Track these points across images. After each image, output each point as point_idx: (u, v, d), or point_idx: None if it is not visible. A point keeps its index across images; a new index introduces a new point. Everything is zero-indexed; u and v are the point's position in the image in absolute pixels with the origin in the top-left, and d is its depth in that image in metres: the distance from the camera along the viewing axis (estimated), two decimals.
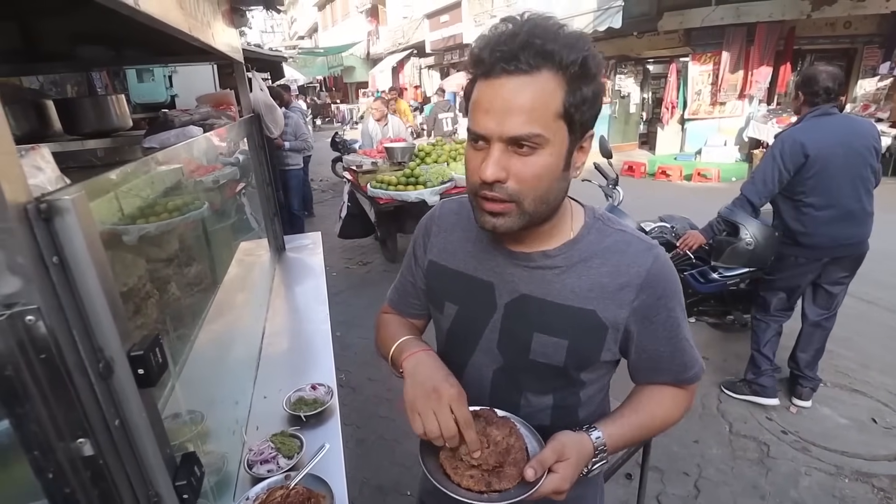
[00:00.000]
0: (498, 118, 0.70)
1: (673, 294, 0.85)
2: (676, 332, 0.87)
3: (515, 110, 0.69)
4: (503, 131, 0.70)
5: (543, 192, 0.75)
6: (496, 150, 0.72)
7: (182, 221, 1.24)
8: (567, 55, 0.68)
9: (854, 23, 7.87)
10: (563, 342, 0.84)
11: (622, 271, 0.82)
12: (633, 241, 0.85)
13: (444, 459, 0.80)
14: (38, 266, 0.50)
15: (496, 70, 0.69)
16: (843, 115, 2.58)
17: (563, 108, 0.71)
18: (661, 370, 0.90)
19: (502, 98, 0.70)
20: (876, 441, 2.58)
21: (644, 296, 0.82)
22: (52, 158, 0.62)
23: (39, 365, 0.50)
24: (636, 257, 0.83)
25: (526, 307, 0.85)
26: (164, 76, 4.97)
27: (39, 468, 0.53)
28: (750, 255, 2.92)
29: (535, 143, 0.71)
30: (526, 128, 0.69)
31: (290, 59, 15.89)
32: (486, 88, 0.71)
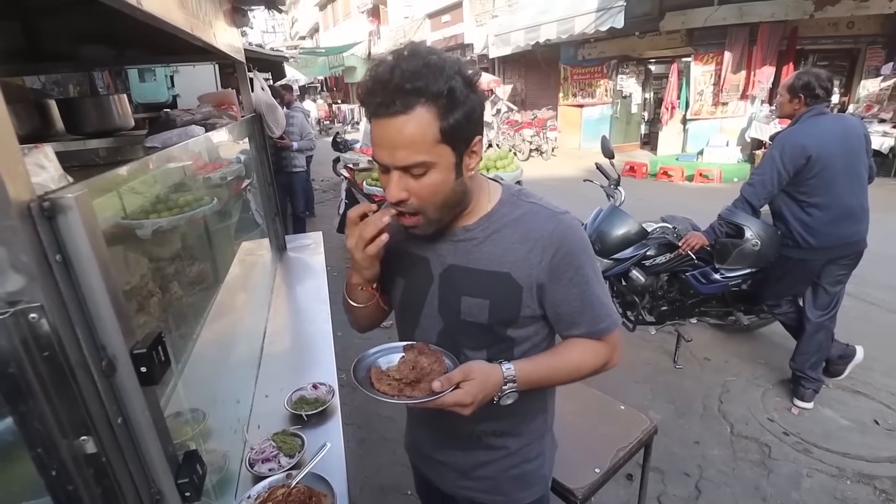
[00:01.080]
0: (388, 152, 0.83)
1: (578, 253, 0.96)
2: (585, 289, 0.97)
3: (399, 145, 0.82)
4: (394, 162, 0.83)
5: (442, 201, 0.89)
6: (395, 176, 0.85)
7: (184, 221, 1.25)
8: (434, 88, 0.79)
9: (857, 23, 7.86)
10: (485, 302, 0.96)
11: (530, 236, 0.94)
12: (540, 211, 0.97)
13: (373, 374, 0.95)
14: (41, 264, 0.50)
15: (379, 113, 0.81)
16: (835, 114, 2.61)
17: (441, 134, 0.82)
18: (575, 323, 1.00)
19: (388, 136, 0.82)
20: (878, 443, 2.57)
21: (550, 256, 0.94)
22: (55, 157, 0.62)
23: (42, 363, 0.50)
24: (542, 223, 0.95)
25: (454, 275, 0.99)
26: (166, 76, 4.96)
27: (43, 465, 0.53)
28: (756, 256, 2.92)
29: (423, 167, 0.83)
30: (411, 157, 0.82)
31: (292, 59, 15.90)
32: (376, 127, 0.83)
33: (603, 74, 11.58)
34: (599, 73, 11.66)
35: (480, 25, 14.11)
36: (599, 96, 11.87)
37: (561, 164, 11.00)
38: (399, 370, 0.93)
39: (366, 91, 0.83)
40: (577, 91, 12.27)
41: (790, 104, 2.63)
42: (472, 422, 1.02)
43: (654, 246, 3.15)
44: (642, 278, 3.18)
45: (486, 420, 1.06)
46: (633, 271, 3.18)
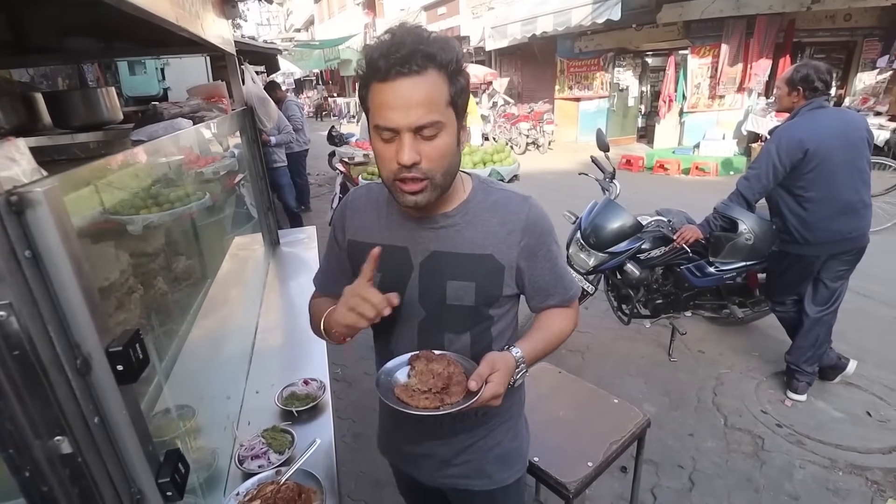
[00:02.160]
0: (402, 112, 0.84)
1: (549, 232, 1.05)
2: (555, 263, 1.07)
3: (416, 103, 0.83)
4: (410, 122, 0.84)
5: (448, 166, 0.91)
6: (407, 139, 0.85)
7: (168, 216, 1.23)
8: (444, 56, 0.84)
9: (854, 15, 7.83)
10: (472, 284, 1.01)
11: (508, 220, 1.01)
12: (512, 197, 1.03)
13: (400, 393, 0.96)
14: (9, 260, 0.48)
15: (392, 74, 0.83)
16: (836, 108, 2.58)
17: (450, 97, 0.87)
18: (550, 295, 1.08)
19: (403, 95, 0.83)
20: (870, 434, 2.58)
21: (527, 237, 1.01)
22: (27, 150, 0.60)
23: (12, 362, 0.49)
24: (517, 207, 1.02)
25: (438, 261, 1.01)
26: (157, 69, 4.90)
27: (15, 467, 0.52)
28: (749, 250, 2.92)
29: (436, 128, 0.86)
30: (427, 116, 0.84)
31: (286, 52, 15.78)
32: (387, 90, 0.84)
33: (599, 67, 11.54)
34: (596, 66, 11.61)
35: (477, 18, 14.03)
36: (596, 89, 11.82)
37: (557, 157, 10.97)
38: (423, 381, 0.95)
39: (377, 53, 0.84)
40: (574, 84, 12.22)
41: (789, 97, 2.60)
42: None
43: (649, 239, 3.15)
44: (637, 271, 3.17)
45: None
46: (628, 265, 3.18)
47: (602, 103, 11.95)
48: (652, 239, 3.15)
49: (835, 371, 2.91)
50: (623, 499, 2.26)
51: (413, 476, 1.23)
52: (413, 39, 0.83)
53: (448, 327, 1.05)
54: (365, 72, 0.87)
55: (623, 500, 2.25)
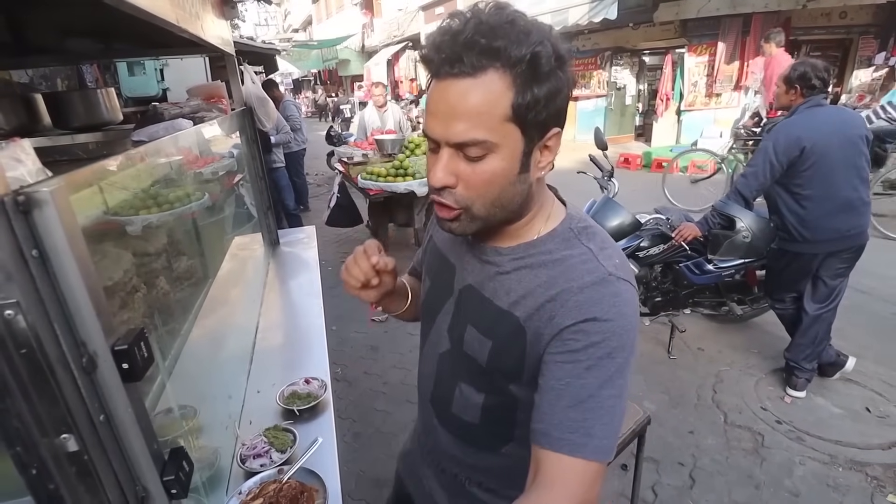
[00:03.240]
0: (444, 123, 0.67)
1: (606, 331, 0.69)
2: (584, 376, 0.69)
3: (460, 115, 0.66)
4: (448, 137, 0.67)
5: (495, 197, 0.71)
6: (445, 155, 0.69)
7: (170, 215, 1.23)
8: (515, 52, 0.63)
9: (850, 13, 7.85)
10: (488, 342, 0.80)
11: (558, 283, 0.73)
12: (589, 262, 0.74)
13: None
14: (16, 260, 0.49)
15: (441, 72, 0.66)
16: (833, 106, 2.59)
17: (513, 111, 0.66)
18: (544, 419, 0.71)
19: (447, 102, 0.66)
20: (870, 430, 2.59)
21: (569, 319, 0.70)
22: (32, 151, 0.61)
23: (20, 360, 0.50)
24: (580, 273, 0.73)
25: (469, 298, 0.84)
26: (156, 69, 4.90)
27: (22, 464, 0.52)
28: (747, 248, 2.93)
29: (483, 148, 0.67)
30: (470, 133, 0.66)
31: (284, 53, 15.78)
32: (435, 90, 0.68)
33: (597, 66, 11.55)
34: (593, 65, 11.62)
35: None
36: (593, 88, 11.83)
37: None
38: None
39: (431, 45, 0.67)
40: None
41: (787, 95, 2.61)
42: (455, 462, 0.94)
43: (648, 237, 3.16)
44: (636, 269, 3.18)
45: (471, 468, 0.94)
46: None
47: (600, 102, 11.96)
48: (651, 237, 3.16)
49: (834, 368, 2.92)
50: (624, 496, 2.26)
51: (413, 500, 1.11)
52: (475, 27, 0.64)
53: (462, 375, 0.88)
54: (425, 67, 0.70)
55: (624, 497, 2.26)
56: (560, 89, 0.68)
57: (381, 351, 3.57)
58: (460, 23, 0.65)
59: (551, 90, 0.66)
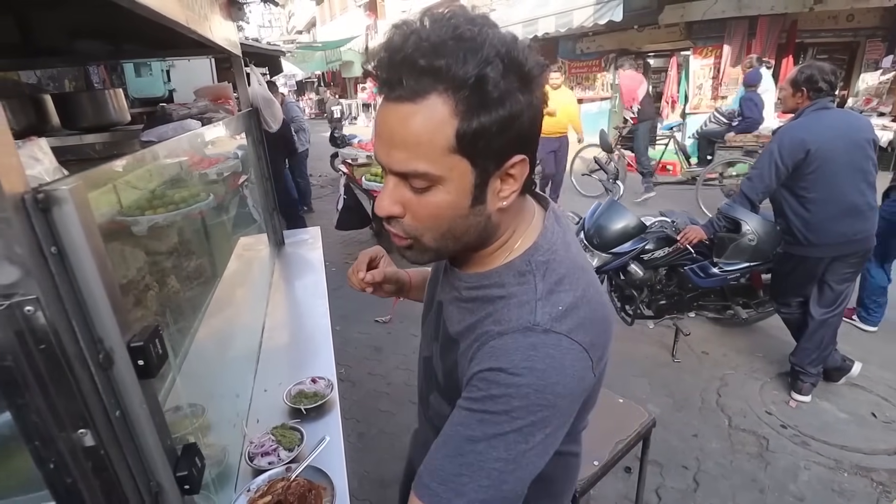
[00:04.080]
0: (386, 149, 0.61)
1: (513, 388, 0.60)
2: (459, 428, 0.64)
3: (399, 143, 0.59)
4: (390, 164, 0.62)
5: (445, 230, 0.65)
6: (391, 183, 0.63)
7: (181, 215, 1.25)
8: (459, 72, 0.55)
9: (857, 16, 7.83)
10: (441, 363, 0.78)
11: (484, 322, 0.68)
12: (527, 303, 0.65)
13: None
14: (36, 256, 0.49)
15: (382, 93, 0.60)
16: (840, 110, 2.58)
17: (457, 140, 0.58)
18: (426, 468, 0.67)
19: (388, 127, 0.60)
20: (875, 435, 2.58)
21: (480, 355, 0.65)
22: (49, 150, 0.62)
23: (39, 355, 0.50)
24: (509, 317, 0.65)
25: (438, 315, 0.81)
26: (162, 70, 4.93)
27: (41, 459, 0.53)
28: (752, 251, 2.93)
29: (427, 180, 0.60)
30: (411, 164, 0.60)
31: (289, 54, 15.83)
32: (380, 112, 0.61)
33: (601, 68, 11.55)
34: (598, 67, 11.62)
35: None
36: (598, 90, 11.83)
37: None
38: None
39: (375, 61, 0.61)
40: (576, 85, 12.23)
41: (793, 98, 2.60)
42: None
43: (653, 240, 3.16)
44: (641, 272, 3.18)
45: None
46: (632, 265, 3.18)
47: (604, 104, 11.94)
48: (656, 240, 3.16)
49: (839, 372, 2.91)
50: (627, 499, 2.26)
51: None
52: (416, 43, 0.56)
53: (434, 384, 0.83)
54: None
55: (627, 500, 2.26)
56: (519, 113, 0.59)
57: (385, 352, 3.57)
58: (400, 38, 0.58)
59: (505, 116, 0.58)
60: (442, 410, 0.80)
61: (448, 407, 0.75)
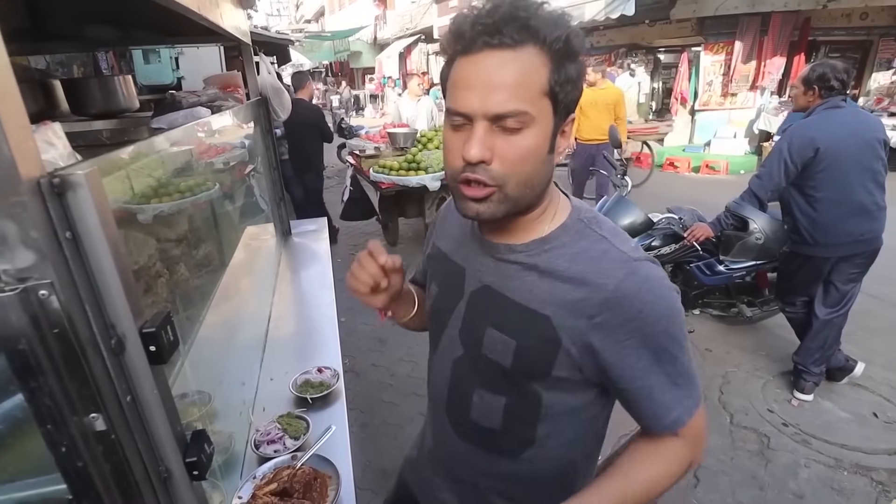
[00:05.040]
0: (481, 94, 0.66)
1: (653, 320, 0.72)
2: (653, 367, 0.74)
3: (500, 86, 0.65)
4: (487, 108, 0.66)
5: (528, 176, 0.70)
6: (480, 129, 0.67)
7: (191, 202, 1.25)
8: (551, 31, 0.65)
9: (870, 14, 7.74)
10: (512, 342, 0.79)
11: (588, 281, 0.73)
12: (610, 251, 0.75)
13: None
14: (51, 241, 0.50)
15: (478, 45, 0.65)
16: (851, 109, 2.55)
17: (549, 86, 0.67)
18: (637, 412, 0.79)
19: (486, 73, 0.66)
20: (876, 435, 2.58)
21: (609, 314, 0.72)
22: (63, 134, 0.62)
23: (53, 339, 0.50)
24: (608, 269, 0.73)
25: (486, 298, 0.82)
26: (171, 58, 4.91)
27: (53, 442, 0.54)
28: (759, 250, 2.92)
29: (521, 121, 0.67)
30: (511, 104, 0.66)
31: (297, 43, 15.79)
32: (468, 65, 0.67)
33: (611, 63, 11.46)
34: (608, 62, 11.52)
35: None
36: None
37: None
38: None
39: (463, 19, 0.67)
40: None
41: (805, 96, 2.58)
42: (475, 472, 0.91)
43: (660, 236, 3.15)
44: None
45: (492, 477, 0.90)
46: None
47: None
48: (662, 236, 3.15)
49: (842, 372, 2.90)
50: None
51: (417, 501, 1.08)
52: (513, 3, 0.65)
53: (481, 381, 0.85)
54: (450, 44, 0.69)
55: None
56: (582, 74, 0.71)
57: (390, 343, 3.58)
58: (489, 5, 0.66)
59: (578, 72, 0.70)
60: (493, 404, 0.84)
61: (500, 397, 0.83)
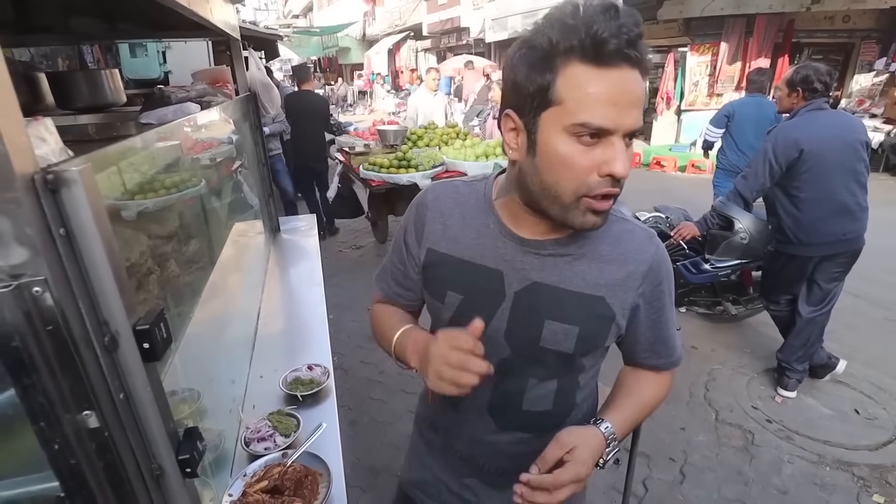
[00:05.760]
0: (626, 111, 0.67)
1: (669, 280, 0.89)
2: (665, 317, 0.90)
3: (637, 103, 0.68)
4: (630, 125, 0.68)
5: None
6: (621, 145, 0.69)
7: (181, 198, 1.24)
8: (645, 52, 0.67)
9: (853, 17, 7.88)
10: (574, 329, 0.84)
11: (629, 259, 0.84)
12: (636, 230, 0.87)
13: None
14: (45, 237, 0.49)
15: (617, 59, 0.65)
16: (835, 111, 2.61)
17: None
18: (651, 353, 0.93)
19: (628, 89, 0.67)
20: (858, 431, 2.64)
21: (648, 283, 0.85)
22: (55, 130, 0.61)
23: (46, 336, 0.50)
24: (641, 245, 0.85)
25: (538, 294, 0.84)
26: (158, 52, 4.85)
27: (46, 439, 0.53)
28: (744, 249, 2.96)
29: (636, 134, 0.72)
30: (640, 121, 0.70)
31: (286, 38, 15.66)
32: (607, 78, 0.66)
33: None
34: None
35: (477, 9, 13.97)
36: None
37: None
38: None
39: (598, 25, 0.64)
40: None
41: (789, 98, 2.62)
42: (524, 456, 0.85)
43: None
44: None
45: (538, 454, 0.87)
46: None
47: None
48: None
49: (825, 369, 2.96)
50: (615, 490, 2.30)
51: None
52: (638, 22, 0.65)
53: (534, 371, 0.89)
54: (569, 46, 0.65)
55: (615, 490, 2.29)
56: None
57: None
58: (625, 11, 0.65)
59: None
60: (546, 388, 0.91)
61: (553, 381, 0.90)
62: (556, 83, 0.67)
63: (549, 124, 0.70)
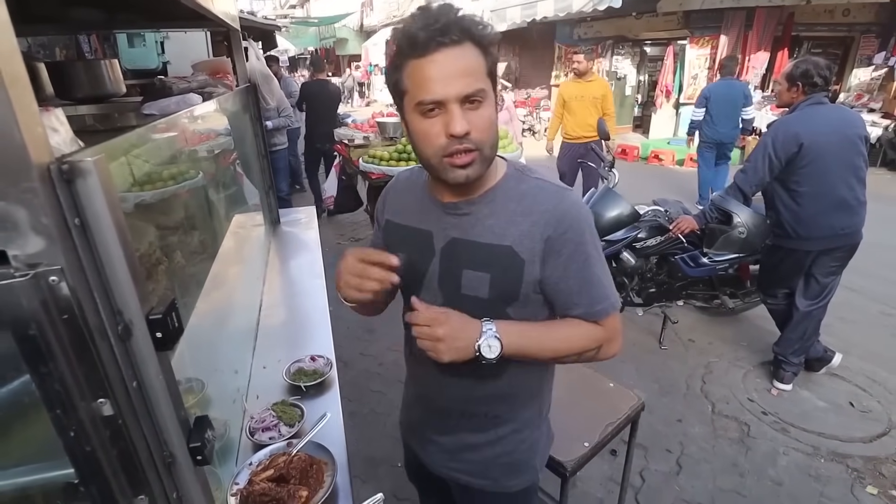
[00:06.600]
0: (449, 82, 0.82)
1: (579, 229, 0.95)
2: (585, 267, 0.96)
3: (461, 73, 0.83)
4: (458, 91, 0.83)
5: (494, 138, 0.89)
6: (455, 109, 0.83)
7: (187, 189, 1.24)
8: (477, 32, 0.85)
9: (852, 10, 7.87)
10: (486, 276, 0.97)
11: (533, 210, 0.94)
12: (546, 186, 0.97)
13: None
14: (60, 227, 0.50)
15: (432, 46, 0.81)
16: (834, 105, 2.61)
17: (487, 69, 0.86)
18: (573, 303, 0.98)
19: (448, 66, 0.82)
20: (852, 424, 2.67)
21: (551, 230, 0.93)
22: (66, 120, 0.61)
23: (62, 325, 0.51)
24: (547, 198, 0.95)
25: (456, 249, 0.99)
26: (156, 42, 4.79)
27: (62, 426, 0.54)
28: (742, 243, 2.98)
29: (481, 96, 0.85)
30: (473, 84, 0.84)
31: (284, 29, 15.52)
32: (428, 64, 0.83)
33: (598, 55, 11.48)
34: (595, 54, 11.54)
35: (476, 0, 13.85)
36: None
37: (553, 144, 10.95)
38: None
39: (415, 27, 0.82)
40: (570, 71, 12.16)
41: (788, 92, 2.63)
42: (462, 400, 1.08)
43: (646, 228, 3.19)
44: (632, 260, 3.22)
45: (475, 400, 1.09)
46: (624, 253, 3.22)
47: None
48: (648, 228, 3.19)
49: (821, 363, 2.99)
50: (613, 480, 2.32)
51: (421, 460, 1.23)
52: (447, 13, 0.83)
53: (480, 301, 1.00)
54: (400, 49, 0.85)
55: (613, 481, 2.32)
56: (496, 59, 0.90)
57: (377, 333, 3.59)
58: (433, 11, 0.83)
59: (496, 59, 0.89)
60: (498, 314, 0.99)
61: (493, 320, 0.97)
62: (402, 78, 0.87)
63: (407, 110, 0.89)
